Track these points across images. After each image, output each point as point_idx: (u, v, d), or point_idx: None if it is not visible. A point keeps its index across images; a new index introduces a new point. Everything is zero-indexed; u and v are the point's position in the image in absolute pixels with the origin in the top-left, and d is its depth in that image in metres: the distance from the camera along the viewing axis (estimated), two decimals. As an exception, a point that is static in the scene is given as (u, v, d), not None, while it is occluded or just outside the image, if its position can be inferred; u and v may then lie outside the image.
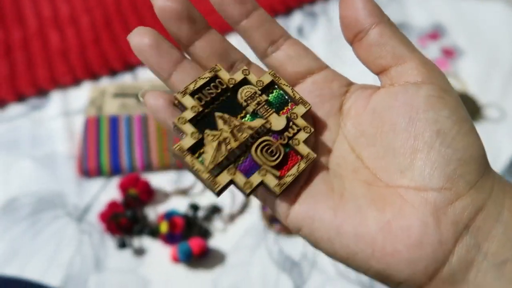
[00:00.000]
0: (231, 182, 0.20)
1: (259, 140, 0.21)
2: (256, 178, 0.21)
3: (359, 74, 0.69)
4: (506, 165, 0.53)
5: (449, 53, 0.66)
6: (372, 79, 0.24)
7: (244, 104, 0.22)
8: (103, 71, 0.59)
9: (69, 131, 0.54)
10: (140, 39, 0.21)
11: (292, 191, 0.21)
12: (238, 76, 0.22)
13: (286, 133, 0.22)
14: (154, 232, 0.46)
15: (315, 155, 0.21)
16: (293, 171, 0.21)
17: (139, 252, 0.46)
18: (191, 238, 0.45)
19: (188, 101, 0.21)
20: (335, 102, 0.23)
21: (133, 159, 0.51)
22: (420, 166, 0.20)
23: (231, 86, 0.22)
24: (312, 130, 0.22)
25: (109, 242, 0.46)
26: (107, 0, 0.66)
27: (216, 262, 0.46)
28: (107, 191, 0.50)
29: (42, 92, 0.57)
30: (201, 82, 0.22)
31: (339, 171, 0.22)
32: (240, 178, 0.20)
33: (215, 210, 0.48)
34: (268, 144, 0.21)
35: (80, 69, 0.59)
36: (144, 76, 0.60)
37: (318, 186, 0.21)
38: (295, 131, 0.22)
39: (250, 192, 0.20)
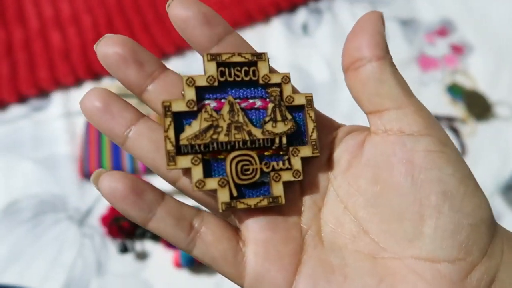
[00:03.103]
0: (188, 170, 0.19)
1: (243, 152, 0.19)
2: (211, 183, 0.19)
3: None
4: (518, 165, 0.52)
5: (458, 49, 0.65)
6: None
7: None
8: (105, 71, 0.58)
9: (70, 133, 0.53)
10: (91, 101, 0.19)
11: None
12: (275, 78, 0.20)
13: (274, 163, 0.20)
14: (156, 236, 0.45)
15: (283, 202, 0.19)
16: (251, 202, 0.19)
17: (141, 256, 0.46)
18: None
19: (211, 68, 0.19)
20: (324, 152, 0.21)
21: (135, 160, 0.50)
22: (430, 235, 0.18)
23: (261, 83, 0.20)
24: (301, 178, 0.20)
25: (110, 246, 0.46)
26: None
27: (219, 266, 0.45)
28: (109, 193, 0.49)
29: (43, 93, 0.57)
30: (236, 59, 0.19)
31: (335, 240, 0.19)
32: (197, 172, 0.18)
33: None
34: (249, 161, 0.19)
35: (82, 69, 0.58)
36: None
37: (315, 270, 0.19)
38: (285, 167, 0.20)
39: (197, 189, 0.19)
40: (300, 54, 0.62)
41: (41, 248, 0.45)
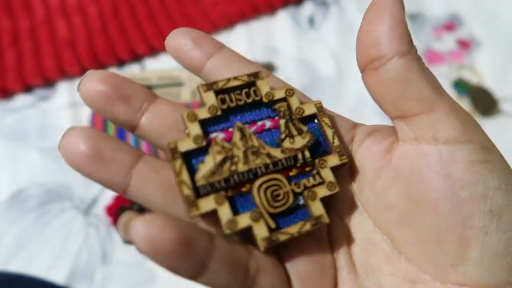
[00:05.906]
0: (214, 212, 0.16)
1: (268, 177, 0.17)
2: (243, 220, 0.16)
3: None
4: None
5: (465, 44, 0.64)
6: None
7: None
8: (111, 61, 0.58)
9: (76, 122, 0.53)
10: (74, 144, 0.15)
11: None
12: (279, 93, 0.19)
13: (304, 181, 0.18)
14: (161, 227, 0.46)
15: (327, 221, 0.17)
16: (292, 230, 0.17)
17: (146, 246, 0.46)
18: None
19: (210, 98, 0.18)
20: None
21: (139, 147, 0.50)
22: (476, 259, 0.16)
23: (266, 101, 0.18)
24: (337, 190, 0.18)
25: (116, 236, 0.46)
26: (114, -12, 0.65)
27: (223, 257, 0.45)
28: (114, 184, 0.49)
29: (49, 82, 0.57)
30: (233, 84, 0.18)
31: (367, 260, 0.18)
32: (225, 212, 0.16)
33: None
34: (277, 185, 0.17)
35: (88, 59, 0.58)
36: (152, 67, 0.59)
37: None
38: (316, 182, 0.18)
39: (229, 232, 0.16)
40: (306, 48, 0.62)
41: (47, 237, 0.46)
